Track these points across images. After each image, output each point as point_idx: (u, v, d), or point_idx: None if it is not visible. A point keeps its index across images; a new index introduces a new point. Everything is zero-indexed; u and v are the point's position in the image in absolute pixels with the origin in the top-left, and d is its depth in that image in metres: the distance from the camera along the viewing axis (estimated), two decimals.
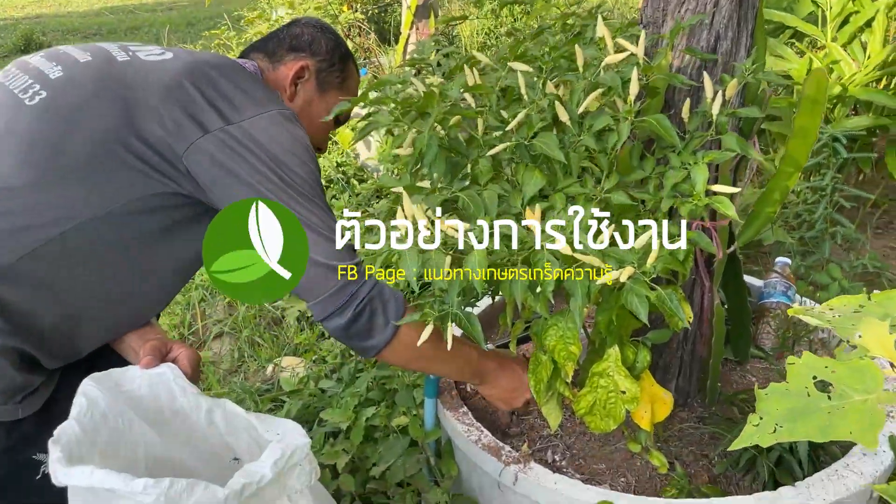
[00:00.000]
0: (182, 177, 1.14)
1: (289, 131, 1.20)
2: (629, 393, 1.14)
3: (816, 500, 1.19)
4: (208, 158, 1.13)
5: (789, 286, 1.69)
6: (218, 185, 1.14)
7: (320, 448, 1.84)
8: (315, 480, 0.99)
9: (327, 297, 1.16)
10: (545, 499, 1.28)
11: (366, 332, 1.19)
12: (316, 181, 1.21)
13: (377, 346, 1.20)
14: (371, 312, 1.18)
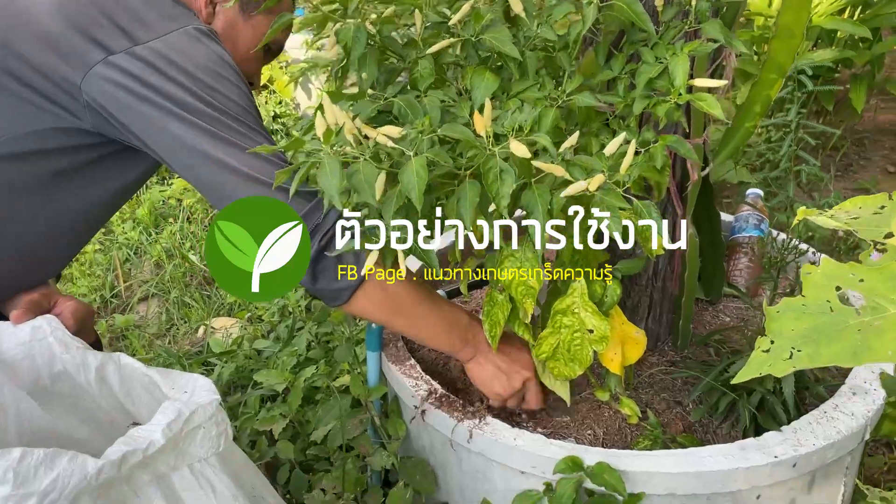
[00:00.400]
0: (83, 109, 0.97)
1: (210, 48, 1.01)
2: (597, 331, 0.98)
3: (806, 445, 1.07)
4: (113, 85, 0.95)
5: (762, 219, 1.56)
6: (128, 117, 0.95)
7: (255, 413, 1.67)
8: (226, 445, 0.81)
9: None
10: (504, 457, 1.13)
11: (335, 271, 1.02)
12: (251, 105, 1.03)
13: (350, 287, 1.02)
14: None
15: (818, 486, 1.13)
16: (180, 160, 0.97)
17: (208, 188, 0.99)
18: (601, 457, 1.07)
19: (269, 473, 1.61)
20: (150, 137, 0.96)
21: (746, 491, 1.08)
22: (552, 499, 1.07)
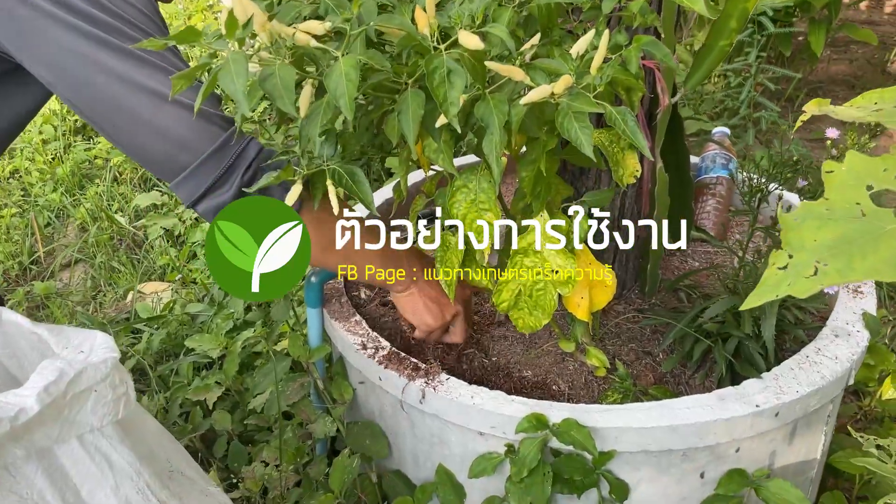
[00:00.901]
0: None
1: None
2: (563, 272, 0.87)
3: (788, 392, 0.98)
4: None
5: (730, 158, 1.47)
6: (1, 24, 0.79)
7: (189, 382, 1.52)
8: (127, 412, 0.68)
9: (201, 164, 0.86)
10: (461, 417, 1.01)
11: None
12: (155, 13, 0.88)
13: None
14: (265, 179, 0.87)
15: (800, 435, 1.05)
16: (69, 78, 0.81)
17: (106, 112, 0.83)
18: (568, 413, 0.97)
19: (207, 446, 1.48)
20: (31, 49, 0.80)
21: (725, 444, 0.98)
22: (515, 461, 0.96)
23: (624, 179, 0.85)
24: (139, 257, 2.09)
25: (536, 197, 0.86)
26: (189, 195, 0.89)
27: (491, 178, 0.81)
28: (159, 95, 0.82)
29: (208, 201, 0.89)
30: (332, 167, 0.78)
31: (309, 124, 0.69)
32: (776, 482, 0.99)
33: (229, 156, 0.87)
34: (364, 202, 0.78)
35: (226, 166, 0.87)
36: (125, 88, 0.81)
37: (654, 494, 1.02)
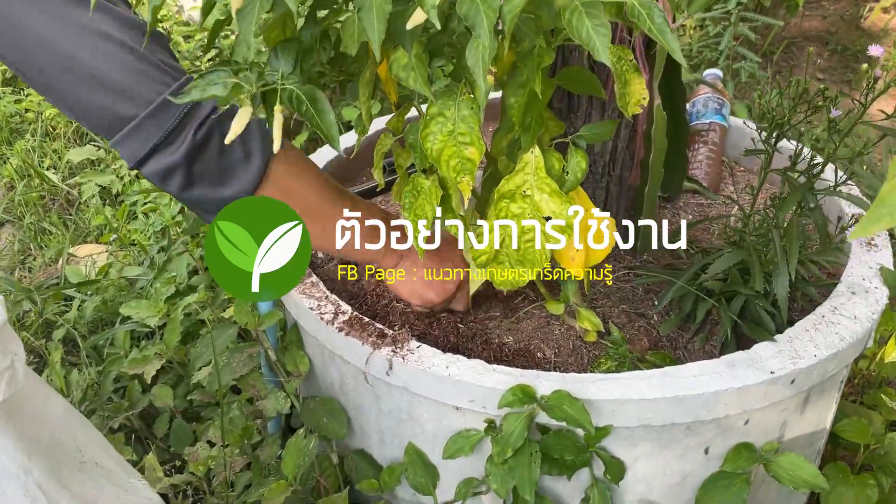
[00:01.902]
0: None
1: None
2: (557, 218, 0.73)
3: (805, 357, 0.86)
4: None
5: (723, 102, 1.34)
6: None
7: (126, 354, 1.36)
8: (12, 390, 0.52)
9: (145, 118, 0.74)
10: (434, 391, 0.88)
11: (217, 174, 0.79)
12: None
13: (240, 195, 0.81)
14: (222, 138, 0.76)
15: (812, 404, 0.94)
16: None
17: (32, 54, 0.69)
18: (558, 384, 0.84)
19: (148, 425, 1.32)
20: None
21: (735, 416, 0.87)
22: (497, 440, 0.84)
23: (629, 108, 0.71)
24: (73, 218, 1.90)
25: (527, 129, 0.71)
26: (132, 154, 0.76)
27: (474, 102, 0.66)
28: (96, 34, 0.67)
29: (155, 162, 0.76)
30: (286, 87, 0.63)
31: (243, 21, 0.53)
32: (788, 457, 0.88)
33: (179, 109, 0.74)
34: (327, 137, 0.63)
35: (175, 121, 0.74)
36: (54, 24, 0.66)
37: (652, 473, 0.90)
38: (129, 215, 1.81)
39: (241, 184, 0.81)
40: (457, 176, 0.70)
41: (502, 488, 0.85)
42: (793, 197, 0.82)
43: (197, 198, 0.80)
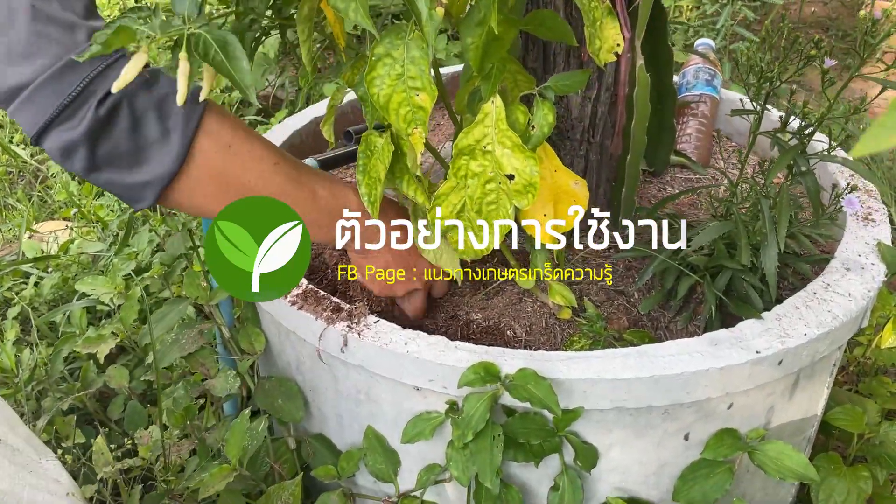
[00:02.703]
0: None
1: None
2: (520, 177, 0.66)
3: (794, 336, 0.79)
4: None
5: (714, 74, 1.27)
6: None
7: (81, 333, 1.29)
8: None
9: (41, 86, 0.63)
10: (392, 369, 0.81)
11: (129, 155, 0.68)
12: None
13: (157, 180, 0.69)
14: (133, 112, 0.66)
15: (801, 388, 0.87)
16: None
17: None
18: (524, 362, 0.77)
19: (105, 407, 1.26)
20: None
21: (716, 399, 0.80)
22: (457, 422, 0.77)
23: (601, 55, 0.64)
24: (41, 195, 1.82)
25: (487, 77, 0.64)
26: (30, 126, 0.65)
27: (423, 41, 0.59)
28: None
29: (54, 137, 0.66)
30: (191, 31, 0.55)
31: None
32: (775, 445, 0.82)
33: (81, 77, 0.64)
34: (238, 85, 0.55)
35: (75, 91, 0.64)
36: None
37: (627, 461, 0.83)
38: (97, 192, 1.73)
39: (157, 166, 0.69)
40: (407, 127, 0.63)
41: (463, 475, 0.79)
42: (782, 160, 0.75)
43: (106, 182, 0.69)
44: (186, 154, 0.69)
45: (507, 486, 0.83)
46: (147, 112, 0.67)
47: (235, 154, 0.74)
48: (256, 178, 0.76)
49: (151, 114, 0.67)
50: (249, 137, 0.76)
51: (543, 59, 0.91)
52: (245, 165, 0.75)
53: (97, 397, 1.27)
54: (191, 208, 0.76)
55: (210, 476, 0.80)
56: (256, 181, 0.76)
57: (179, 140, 0.68)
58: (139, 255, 1.37)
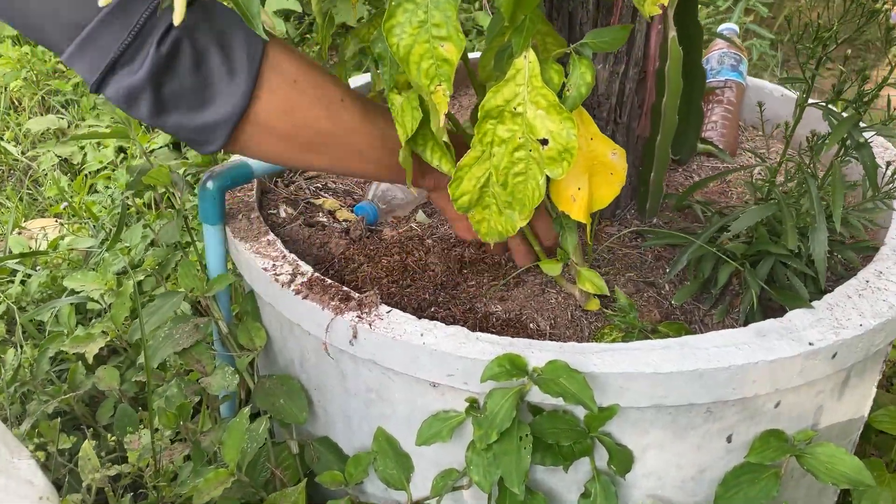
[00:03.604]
0: None
1: None
2: (556, 141, 0.59)
3: (849, 327, 0.72)
4: None
5: (740, 59, 1.21)
6: None
7: (70, 332, 1.22)
8: None
9: (100, 24, 0.59)
10: (407, 363, 0.74)
11: (195, 94, 0.63)
12: None
13: (226, 119, 0.65)
14: (195, 48, 0.61)
15: (851, 386, 0.80)
16: None
17: None
18: (554, 354, 0.70)
19: (93, 411, 1.18)
20: None
21: (764, 397, 0.73)
22: (480, 421, 0.69)
23: (646, 6, 0.57)
24: (32, 193, 1.75)
25: (519, 30, 0.57)
26: (90, 71, 0.61)
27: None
28: None
29: (116, 83, 0.61)
30: None
31: None
32: (825, 447, 0.74)
33: (138, 13, 0.59)
34: (244, 12, 0.48)
35: (135, 28, 0.59)
36: None
37: (664, 465, 0.76)
38: (90, 189, 1.66)
39: (226, 105, 0.65)
40: (430, 83, 0.56)
41: (485, 480, 0.71)
42: (838, 131, 0.68)
43: (174, 126, 0.65)
44: (253, 90, 0.65)
45: (532, 492, 0.75)
46: (209, 47, 0.62)
47: (303, 91, 0.69)
48: (325, 116, 0.71)
49: (214, 49, 0.63)
50: (314, 71, 0.71)
51: (569, 28, 0.85)
52: (313, 102, 0.70)
53: (86, 400, 1.19)
54: (259, 152, 0.72)
55: (205, 482, 0.73)
56: (325, 119, 0.71)
57: (246, 76, 0.64)
58: (132, 251, 1.29)
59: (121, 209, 1.32)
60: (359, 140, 0.74)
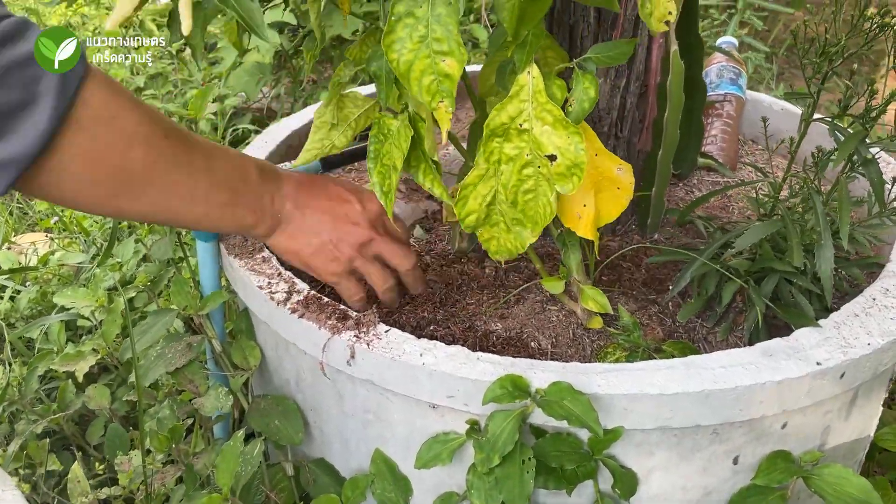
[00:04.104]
0: None
1: None
2: (564, 157, 0.58)
3: (857, 346, 0.71)
4: None
5: (739, 73, 1.20)
6: None
7: (60, 349, 1.19)
8: None
9: None
10: (406, 384, 0.72)
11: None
12: None
13: (16, 159, 0.55)
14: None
15: (858, 406, 0.79)
16: None
17: None
18: (557, 375, 0.68)
19: (83, 431, 1.15)
20: None
21: (771, 418, 0.71)
22: (481, 444, 0.67)
23: (653, 21, 0.56)
24: (23, 207, 1.73)
25: (522, 45, 0.56)
26: None
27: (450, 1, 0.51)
28: None
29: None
30: None
31: None
32: (833, 468, 0.73)
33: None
34: (248, 23, 0.47)
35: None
36: None
37: (669, 487, 0.74)
38: None
39: (18, 142, 0.54)
40: (432, 99, 0.55)
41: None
42: (846, 146, 0.67)
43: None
44: (59, 127, 0.56)
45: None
46: (10, 71, 0.53)
47: (119, 129, 0.61)
48: (142, 156, 0.63)
49: (15, 73, 0.54)
50: (135, 107, 0.63)
51: (570, 41, 0.83)
52: (131, 140, 0.62)
53: (75, 419, 1.16)
54: (62, 197, 0.62)
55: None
56: (143, 159, 0.63)
57: (51, 109, 0.55)
58: (123, 267, 1.27)
59: (112, 225, 1.30)
60: (184, 178, 0.67)
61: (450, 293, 0.88)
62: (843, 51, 0.66)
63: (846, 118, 0.70)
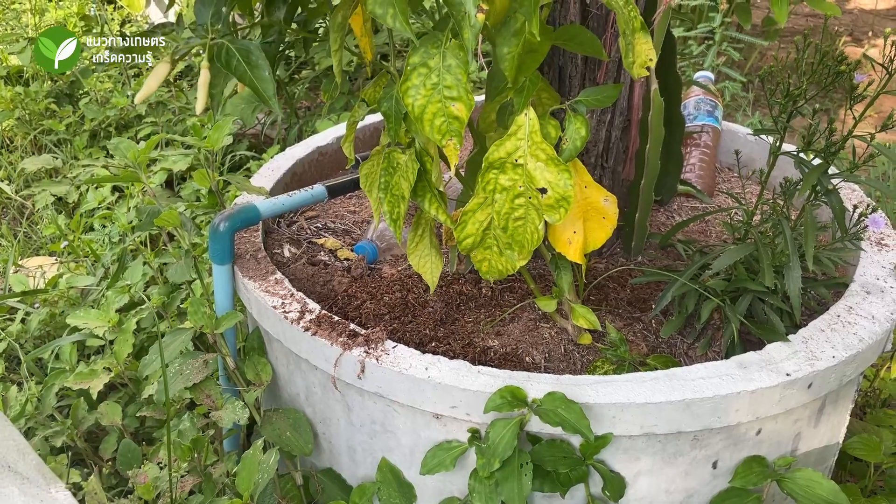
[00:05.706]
0: None
1: None
2: (554, 190, 0.65)
3: (823, 358, 0.78)
4: None
5: (716, 105, 1.28)
6: None
7: (72, 368, 1.24)
8: None
9: None
10: (411, 396, 0.78)
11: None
12: None
13: None
14: None
15: (826, 414, 0.86)
16: None
17: None
18: (551, 385, 0.75)
19: (95, 447, 1.20)
20: None
21: (746, 425, 0.78)
22: (482, 450, 0.74)
23: (635, 69, 0.63)
24: (27, 231, 1.78)
25: (520, 90, 0.63)
26: None
27: (461, 49, 0.58)
28: None
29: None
30: (216, 41, 0.54)
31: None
32: (804, 472, 0.79)
33: None
34: (261, 94, 0.54)
35: None
36: None
37: (654, 490, 0.81)
38: (86, 227, 1.69)
39: None
40: (442, 138, 0.62)
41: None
42: (810, 177, 0.74)
43: None
44: None
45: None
46: None
47: None
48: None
49: None
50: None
51: (559, 82, 0.91)
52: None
53: (85, 436, 1.21)
54: None
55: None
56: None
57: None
58: (132, 289, 1.32)
59: (122, 248, 1.35)
60: None
61: (449, 312, 0.94)
62: (805, 93, 0.73)
63: (809, 152, 0.78)
